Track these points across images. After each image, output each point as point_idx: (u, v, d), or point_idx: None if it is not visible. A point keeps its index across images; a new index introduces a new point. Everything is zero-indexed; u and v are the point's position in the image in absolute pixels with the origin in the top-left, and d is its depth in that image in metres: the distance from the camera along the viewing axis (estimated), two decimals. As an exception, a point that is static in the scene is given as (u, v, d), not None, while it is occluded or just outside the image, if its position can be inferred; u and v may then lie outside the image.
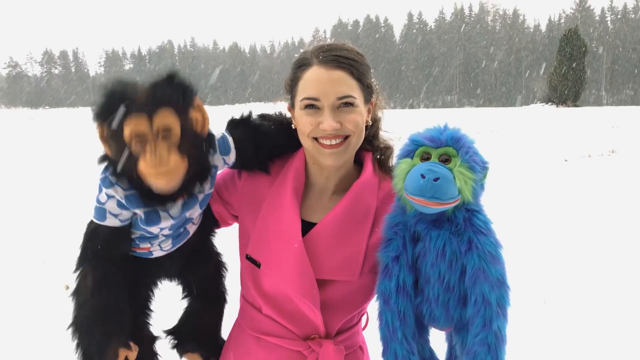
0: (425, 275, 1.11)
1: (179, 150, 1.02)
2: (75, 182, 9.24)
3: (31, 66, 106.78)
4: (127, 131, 0.99)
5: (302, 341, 1.22)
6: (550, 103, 52.43)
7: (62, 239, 5.44)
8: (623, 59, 79.19)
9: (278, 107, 1.34)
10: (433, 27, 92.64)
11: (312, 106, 1.17)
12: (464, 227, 1.07)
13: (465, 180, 1.05)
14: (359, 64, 1.20)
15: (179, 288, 1.42)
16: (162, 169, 0.99)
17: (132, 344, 1.21)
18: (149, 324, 1.34)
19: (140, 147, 1.00)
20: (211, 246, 1.38)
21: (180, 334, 1.38)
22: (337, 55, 1.18)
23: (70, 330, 1.17)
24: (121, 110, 0.99)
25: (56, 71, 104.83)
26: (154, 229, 1.14)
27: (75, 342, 1.16)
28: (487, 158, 1.12)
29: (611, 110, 38.68)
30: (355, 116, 1.18)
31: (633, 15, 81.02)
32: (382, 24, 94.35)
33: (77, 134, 21.43)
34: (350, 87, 1.17)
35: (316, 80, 1.16)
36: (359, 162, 1.31)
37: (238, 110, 1.30)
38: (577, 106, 50.53)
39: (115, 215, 1.11)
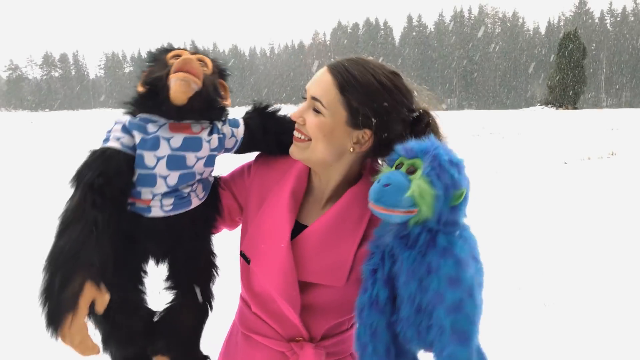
0: (400, 294, 1.09)
1: (203, 75, 1.14)
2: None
3: (31, 69, 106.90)
4: (169, 55, 1.16)
5: (285, 342, 1.23)
6: (549, 105, 52.49)
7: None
8: (622, 62, 79.31)
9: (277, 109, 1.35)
10: (433, 29, 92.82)
11: (304, 97, 1.20)
12: (426, 249, 1.04)
13: (422, 194, 1.02)
14: (355, 81, 1.13)
15: (163, 283, 1.34)
16: (187, 62, 1.10)
17: (103, 288, 1.06)
18: (144, 299, 1.26)
19: (175, 60, 1.13)
20: (208, 242, 1.33)
21: (155, 331, 1.28)
22: (338, 62, 1.17)
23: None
24: (165, 50, 1.19)
25: (56, 74, 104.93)
26: (150, 159, 1.13)
27: (44, 265, 1.04)
28: (471, 182, 1.07)
29: (610, 112, 38.73)
30: (317, 122, 1.15)
31: (632, 18, 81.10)
32: (382, 27, 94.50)
33: (77, 137, 21.45)
34: (326, 93, 1.14)
35: (314, 75, 1.19)
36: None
37: (238, 113, 1.31)
38: (577, 109, 50.60)
39: (118, 138, 1.13)
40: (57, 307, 0.99)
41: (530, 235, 5.58)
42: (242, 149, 1.31)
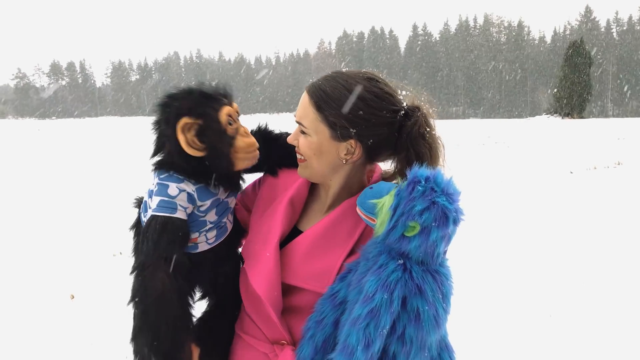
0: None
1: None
2: (81, 191, 9.28)
3: (39, 77, 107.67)
4: (223, 115, 1.19)
5: (269, 344, 1.27)
6: (555, 115, 52.33)
7: (66, 249, 5.46)
8: (629, 71, 79.11)
9: (282, 119, 1.37)
10: (438, 38, 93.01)
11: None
12: (372, 266, 1.09)
13: (382, 207, 1.06)
14: (327, 97, 1.17)
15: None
16: (253, 141, 1.23)
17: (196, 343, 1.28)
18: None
19: (233, 129, 1.20)
20: (238, 256, 1.41)
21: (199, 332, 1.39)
22: (315, 82, 1.22)
23: (139, 326, 1.16)
24: (213, 102, 1.20)
25: (63, 82, 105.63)
26: (207, 204, 1.23)
27: (149, 338, 1.15)
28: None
29: (617, 122, 38.58)
30: (306, 143, 1.22)
31: (639, 27, 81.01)
32: (387, 36, 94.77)
33: (84, 145, 21.58)
34: (306, 114, 1.20)
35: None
36: None
37: (243, 121, 1.33)
38: (583, 118, 50.41)
39: (184, 208, 1.19)
40: None
41: (535, 245, 5.55)
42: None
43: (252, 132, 1.38)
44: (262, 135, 1.37)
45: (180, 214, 1.18)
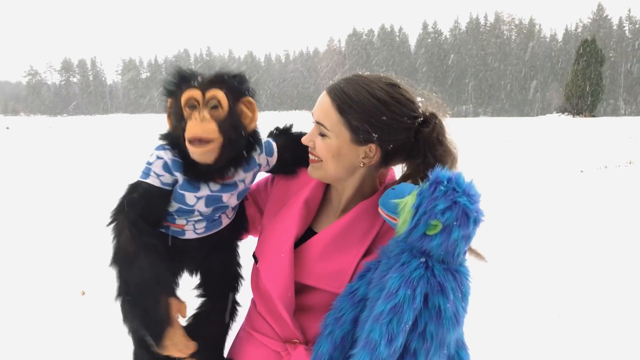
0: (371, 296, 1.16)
1: (219, 125, 1.15)
2: (92, 188, 9.34)
3: (50, 74, 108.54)
4: (183, 98, 1.16)
5: (282, 342, 1.28)
6: (566, 113, 51.95)
7: (77, 245, 5.50)
8: (641, 69, 78.31)
9: (292, 116, 1.39)
10: (448, 36, 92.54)
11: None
12: (394, 264, 1.10)
13: (405, 207, 1.07)
14: (352, 100, 1.17)
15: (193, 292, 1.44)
16: (197, 130, 1.13)
17: (181, 299, 1.25)
18: None
19: (189, 113, 1.16)
20: (235, 253, 1.43)
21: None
22: (336, 84, 1.22)
23: (118, 285, 1.18)
24: (185, 83, 1.18)
25: (75, 79, 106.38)
26: (191, 198, 1.23)
27: (122, 293, 1.17)
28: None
29: (629, 120, 38.22)
30: (324, 145, 1.21)
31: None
32: (397, 33, 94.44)
33: (95, 142, 21.72)
34: (327, 116, 1.20)
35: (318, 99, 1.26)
36: None
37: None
38: (594, 116, 49.98)
39: (158, 176, 1.21)
40: (158, 326, 1.15)
41: (544, 244, 5.52)
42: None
43: (274, 134, 1.41)
44: (288, 137, 1.40)
45: (152, 180, 1.20)
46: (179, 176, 1.21)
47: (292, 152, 1.37)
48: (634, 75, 78.74)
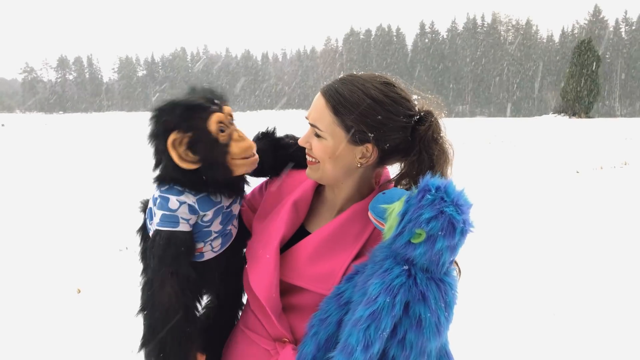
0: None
1: None
2: (88, 186, 9.32)
3: (46, 72, 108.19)
4: (212, 125, 1.14)
5: (272, 341, 1.29)
6: (562, 114, 52.11)
7: (72, 243, 5.49)
8: (637, 71, 78.56)
9: (289, 115, 1.38)
10: (445, 36, 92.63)
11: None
12: (377, 270, 1.10)
13: (392, 214, 1.07)
14: (346, 101, 1.16)
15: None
16: (251, 143, 1.19)
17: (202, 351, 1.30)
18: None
19: (227, 134, 1.17)
20: (242, 257, 1.42)
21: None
22: (330, 84, 1.21)
23: (148, 338, 1.19)
24: (196, 111, 1.14)
25: (71, 77, 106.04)
26: (216, 225, 1.24)
27: (156, 351, 1.17)
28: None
29: (624, 121, 38.38)
30: (320, 146, 1.20)
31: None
32: (395, 33, 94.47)
33: (91, 139, 21.66)
34: (322, 117, 1.19)
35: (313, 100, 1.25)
36: None
37: (249, 117, 1.34)
38: (590, 117, 50.17)
39: (187, 220, 1.19)
40: None
41: (539, 244, 5.54)
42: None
43: (257, 137, 1.38)
44: (269, 141, 1.37)
45: (183, 227, 1.18)
46: (210, 212, 1.21)
47: (274, 154, 1.37)
48: (630, 77, 79.00)
